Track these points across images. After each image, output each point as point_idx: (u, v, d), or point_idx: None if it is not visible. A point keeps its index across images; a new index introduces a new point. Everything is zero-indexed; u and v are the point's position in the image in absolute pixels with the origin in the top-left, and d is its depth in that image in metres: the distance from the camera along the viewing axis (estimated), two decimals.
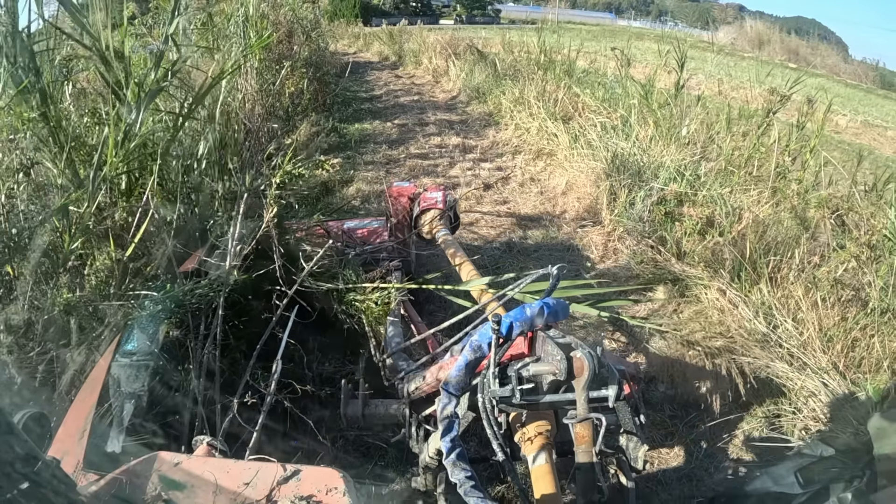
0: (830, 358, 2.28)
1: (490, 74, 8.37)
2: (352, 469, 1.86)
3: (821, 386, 2.18)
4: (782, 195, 3.36)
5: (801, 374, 2.25)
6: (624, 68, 5.70)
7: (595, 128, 4.92)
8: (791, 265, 2.74)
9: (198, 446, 1.32)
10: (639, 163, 4.11)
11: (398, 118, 7.52)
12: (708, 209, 3.41)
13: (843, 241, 2.88)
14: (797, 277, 2.67)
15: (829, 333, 2.37)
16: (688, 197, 3.57)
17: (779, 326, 2.49)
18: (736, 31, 25.70)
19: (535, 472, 1.34)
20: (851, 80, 19.67)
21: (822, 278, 2.65)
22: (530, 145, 5.87)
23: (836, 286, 2.58)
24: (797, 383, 2.24)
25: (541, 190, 4.96)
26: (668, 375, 2.50)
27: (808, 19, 75.97)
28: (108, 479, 0.98)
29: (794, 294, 2.56)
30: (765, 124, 3.88)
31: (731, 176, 3.61)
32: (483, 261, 3.56)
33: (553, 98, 6.15)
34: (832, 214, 3.18)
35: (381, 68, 12.96)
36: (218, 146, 2.34)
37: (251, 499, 0.96)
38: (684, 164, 3.84)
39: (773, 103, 3.88)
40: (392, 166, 5.55)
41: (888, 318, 2.34)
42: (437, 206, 2.91)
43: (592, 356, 1.22)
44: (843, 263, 2.68)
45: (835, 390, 2.15)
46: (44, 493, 0.73)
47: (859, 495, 1.44)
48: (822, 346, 2.32)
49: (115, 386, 1.43)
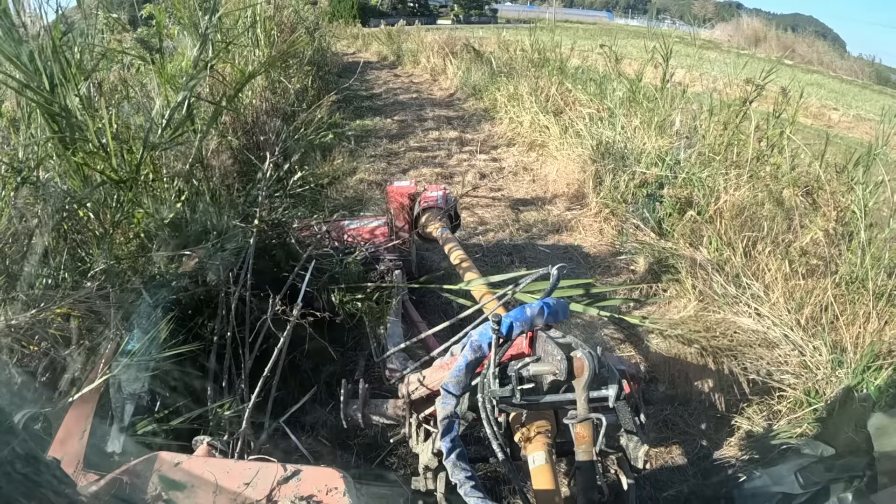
0: (794, 315, 2.50)
1: (486, 72, 8.60)
2: (352, 469, 1.86)
3: (782, 337, 2.43)
4: (756, 177, 3.60)
5: (763, 326, 2.51)
6: (612, 63, 5.91)
7: (583, 119, 5.20)
8: (765, 240, 2.98)
9: (198, 446, 1.32)
10: (623, 149, 4.39)
11: (398, 114, 7.71)
12: (686, 190, 3.67)
13: (814, 217, 3.10)
14: (766, 248, 2.91)
15: (795, 296, 2.60)
16: (668, 180, 3.84)
17: (747, 290, 2.74)
18: (733, 29, 25.80)
19: (535, 472, 1.34)
20: (847, 76, 19.72)
21: (793, 250, 2.88)
22: (524, 137, 6.13)
23: (805, 256, 2.82)
24: (761, 335, 2.48)
25: (533, 178, 5.21)
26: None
27: (805, 16, 76.16)
28: (108, 479, 0.98)
29: (765, 264, 2.80)
30: (742, 113, 4.14)
31: (712, 161, 3.88)
32: (479, 242, 3.88)
33: (545, 94, 6.37)
34: (803, 192, 3.41)
35: (380, 68, 13.05)
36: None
37: (251, 499, 0.96)
38: (665, 151, 4.13)
39: (750, 93, 4.11)
40: (393, 158, 5.76)
41: (857, 287, 2.54)
42: (438, 206, 2.91)
43: (592, 356, 1.22)
44: (811, 235, 2.91)
45: (795, 341, 2.39)
46: (44, 493, 0.73)
47: (859, 495, 1.44)
48: (787, 305, 2.55)
49: (115, 386, 1.43)
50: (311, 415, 2.16)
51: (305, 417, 2.14)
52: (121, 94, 2.37)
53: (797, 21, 53.82)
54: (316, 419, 2.16)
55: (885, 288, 2.42)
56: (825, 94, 13.29)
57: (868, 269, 2.52)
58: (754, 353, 2.45)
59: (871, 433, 1.58)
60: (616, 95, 5.26)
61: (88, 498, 0.89)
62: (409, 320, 2.40)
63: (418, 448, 1.65)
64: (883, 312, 2.34)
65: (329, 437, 2.10)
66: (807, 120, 8.58)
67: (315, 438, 2.07)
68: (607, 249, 3.74)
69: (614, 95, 5.27)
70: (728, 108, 4.25)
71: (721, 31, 27.21)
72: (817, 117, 10.54)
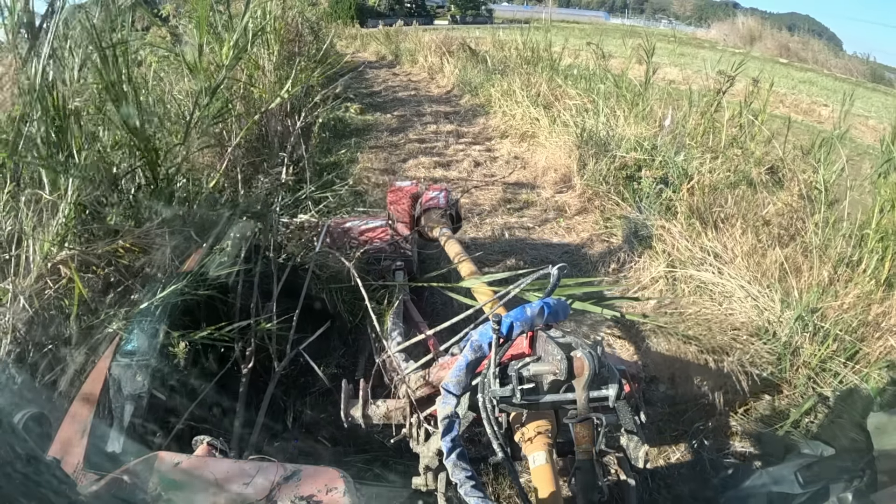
0: (751, 273, 2.81)
1: (482, 70, 8.97)
2: (352, 469, 1.85)
3: (738, 288, 2.75)
4: (727, 159, 4.02)
5: (723, 279, 2.85)
6: (600, 60, 6.46)
7: (570, 111, 5.62)
8: (734, 215, 3.29)
9: (198, 446, 1.32)
10: (605, 137, 4.82)
11: (397, 110, 8.05)
12: (662, 171, 4.07)
13: (778, 193, 3.52)
14: (735, 221, 3.21)
15: (754, 258, 2.90)
16: (645, 162, 4.25)
17: (711, 253, 3.06)
18: (728, 28, 25.93)
19: (536, 471, 1.34)
20: (841, 73, 19.79)
21: (757, 221, 3.22)
22: (516, 129, 6.50)
23: (767, 226, 3.14)
24: (720, 287, 2.82)
25: (524, 165, 5.62)
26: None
27: (802, 15, 75.93)
28: (108, 479, 0.97)
29: (731, 234, 3.11)
30: (716, 103, 4.58)
31: (687, 146, 4.28)
32: (475, 221, 4.23)
33: (536, 90, 6.81)
34: (767, 171, 3.92)
35: (379, 67, 13.20)
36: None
37: (251, 499, 0.96)
38: (644, 137, 4.57)
39: (723, 84, 4.55)
40: (393, 149, 6.13)
41: (819, 253, 2.81)
42: (439, 206, 2.90)
43: (593, 356, 1.22)
44: (773, 207, 3.31)
45: (750, 291, 2.71)
46: (44, 493, 0.73)
47: (859, 495, 1.44)
48: (747, 266, 2.86)
49: (116, 386, 1.42)
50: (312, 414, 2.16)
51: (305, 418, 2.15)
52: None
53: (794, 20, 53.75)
54: (317, 419, 2.16)
55: (844, 253, 2.73)
56: (817, 91, 13.30)
57: (829, 237, 2.85)
58: (723, 327, 2.62)
59: (871, 432, 1.58)
60: (599, 88, 5.77)
61: (88, 498, 0.89)
62: (409, 320, 2.39)
63: (419, 448, 1.65)
64: (843, 274, 2.63)
65: (329, 437, 2.10)
66: (797, 115, 8.72)
67: (315, 439, 2.07)
68: (590, 225, 4.19)
69: (598, 88, 5.77)
70: (703, 99, 4.73)
71: (717, 31, 27.40)
72: (808, 113, 10.61)
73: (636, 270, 3.39)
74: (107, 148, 2.00)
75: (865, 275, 2.61)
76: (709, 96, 4.66)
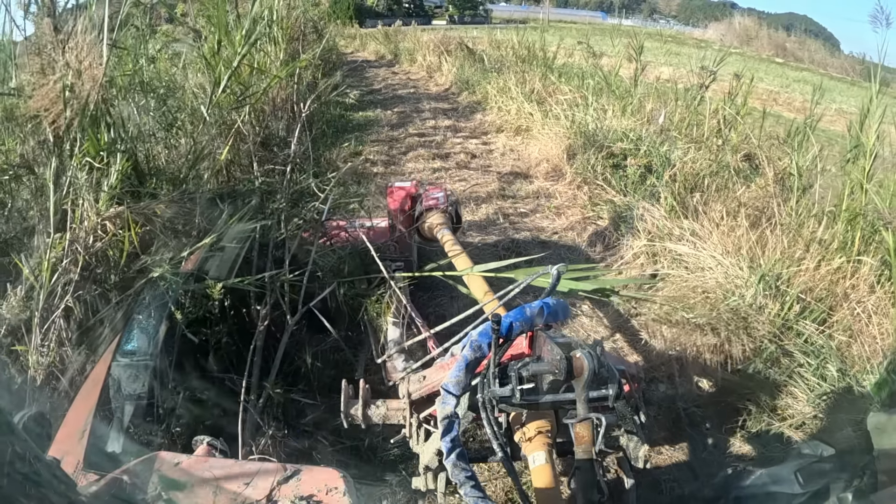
0: (723, 247, 2.99)
1: (479, 69, 9.23)
2: (352, 469, 1.85)
3: (710, 258, 2.93)
4: (708, 149, 4.26)
5: (697, 251, 3.04)
6: (591, 59, 6.85)
7: (562, 105, 5.90)
8: (713, 199, 3.50)
9: (198, 446, 1.32)
10: (594, 129, 5.11)
11: (397, 107, 8.31)
12: (646, 160, 4.33)
13: (754, 178, 3.78)
14: (714, 206, 3.39)
15: (729, 236, 3.06)
16: (631, 152, 4.54)
17: (689, 231, 3.25)
18: (725, 28, 26.07)
19: (535, 471, 1.34)
20: (837, 73, 19.87)
21: (733, 202, 3.40)
22: (511, 124, 6.77)
23: (742, 207, 3.29)
24: (694, 260, 3.01)
25: (518, 157, 5.94)
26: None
27: (799, 16, 75.87)
28: (108, 479, 0.97)
29: (710, 215, 3.30)
30: (699, 97, 4.90)
31: (671, 136, 4.58)
32: (471, 207, 4.50)
33: (531, 86, 7.05)
34: (743, 157, 4.20)
35: (379, 66, 13.31)
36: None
37: (251, 499, 0.95)
38: (630, 129, 4.87)
39: (705, 79, 4.88)
40: (394, 143, 6.43)
41: (793, 234, 2.96)
42: (439, 206, 2.89)
43: (592, 356, 1.22)
44: (747, 191, 3.55)
45: (722, 262, 2.87)
46: (44, 493, 0.73)
47: (859, 495, 1.44)
48: (721, 242, 3.02)
49: (116, 387, 1.42)
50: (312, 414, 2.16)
51: (306, 418, 2.14)
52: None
53: (791, 20, 53.74)
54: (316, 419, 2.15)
55: (815, 233, 2.87)
56: (810, 90, 13.37)
57: (803, 218, 3.02)
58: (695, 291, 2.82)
59: (871, 432, 1.58)
60: (588, 83, 6.15)
61: (88, 498, 0.89)
62: (409, 321, 2.39)
63: (418, 448, 1.65)
64: (815, 252, 2.76)
65: (329, 437, 2.09)
66: (790, 113, 8.77)
67: (315, 438, 2.07)
68: (579, 210, 4.48)
69: (588, 84, 6.13)
70: (686, 93, 5.09)
71: (714, 31, 27.55)
72: (801, 111, 10.68)
73: (620, 248, 3.67)
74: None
75: (835, 251, 2.77)
76: (692, 90, 4.94)
